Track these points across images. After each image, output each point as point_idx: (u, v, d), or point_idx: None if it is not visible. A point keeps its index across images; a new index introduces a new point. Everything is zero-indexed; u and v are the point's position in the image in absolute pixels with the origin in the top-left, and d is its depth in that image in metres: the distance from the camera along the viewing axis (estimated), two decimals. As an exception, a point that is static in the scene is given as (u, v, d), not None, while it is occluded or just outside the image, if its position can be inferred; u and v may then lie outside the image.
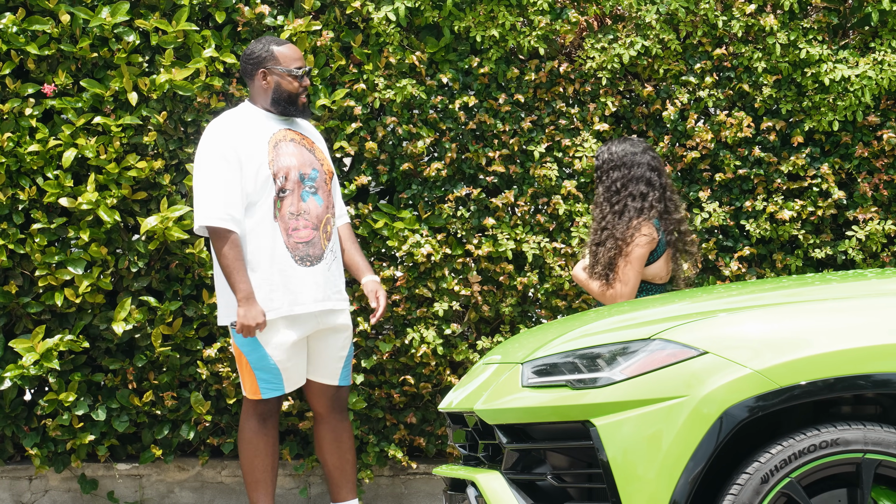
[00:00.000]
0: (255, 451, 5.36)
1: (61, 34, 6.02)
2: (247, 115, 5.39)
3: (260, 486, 5.37)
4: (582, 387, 3.96)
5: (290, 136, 5.40)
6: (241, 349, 5.32)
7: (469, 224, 6.18)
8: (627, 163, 5.40)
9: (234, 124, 5.33)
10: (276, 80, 5.37)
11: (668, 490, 3.83)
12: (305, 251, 5.32)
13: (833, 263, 6.30)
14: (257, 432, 5.36)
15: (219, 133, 5.30)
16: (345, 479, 5.48)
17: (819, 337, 3.87)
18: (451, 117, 6.18)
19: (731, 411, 3.83)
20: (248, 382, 5.34)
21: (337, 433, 5.46)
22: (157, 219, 5.93)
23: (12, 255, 6.03)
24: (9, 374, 5.92)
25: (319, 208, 5.37)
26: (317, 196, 5.37)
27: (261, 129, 5.35)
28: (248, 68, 5.40)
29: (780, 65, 6.18)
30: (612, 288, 5.34)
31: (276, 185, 5.28)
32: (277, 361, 5.29)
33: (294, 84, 5.38)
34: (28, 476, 6.26)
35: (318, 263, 5.34)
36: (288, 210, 5.30)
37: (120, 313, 5.97)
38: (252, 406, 5.37)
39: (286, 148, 5.35)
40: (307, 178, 5.35)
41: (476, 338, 6.25)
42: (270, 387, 5.32)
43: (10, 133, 5.97)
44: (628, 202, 5.35)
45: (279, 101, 5.38)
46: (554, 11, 6.17)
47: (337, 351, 5.44)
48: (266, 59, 5.37)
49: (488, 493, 4.07)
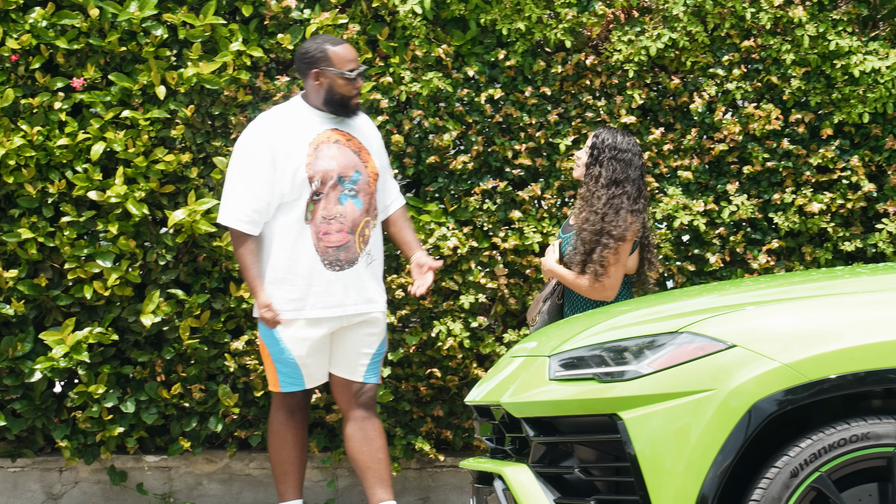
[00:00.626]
0: (284, 442, 5.37)
1: (90, 28, 6.04)
2: (295, 112, 5.35)
3: (288, 478, 5.38)
4: (609, 380, 3.96)
5: (335, 138, 5.34)
6: (263, 341, 5.36)
7: (495, 217, 6.17)
8: (630, 158, 5.34)
9: (278, 123, 5.31)
10: (329, 81, 5.31)
11: (696, 484, 3.82)
12: (336, 255, 5.28)
13: (863, 256, 6.27)
14: (285, 424, 5.38)
15: (259, 131, 5.29)
16: (376, 479, 5.36)
17: (849, 330, 3.85)
18: (477, 110, 6.18)
19: (760, 405, 3.81)
20: (270, 375, 5.38)
21: (365, 431, 5.38)
22: (184, 212, 5.95)
23: (42, 248, 6.07)
24: (39, 367, 5.96)
25: (357, 212, 5.32)
26: (356, 199, 5.31)
27: (305, 129, 5.31)
28: (302, 67, 5.35)
29: (808, 56, 6.15)
30: (599, 282, 5.28)
31: (312, 187, 5.25)
32: (296, 357, 5.30)
33: (347, 86, 5.32)
34: (58, 468, 6.30)
35: (350, 268, 5.30)
36: (321, 213, 5.26)
37: (148, 306, 6.00)
38: (280, 398, 5.39)
39: (327, 150, 5.30)
40: (347, 181, 5.30)
41: (503, 331, 6.25)
42: (290, 381, 5.33)
43: (39, 127, 6.00)
44: (624, 200, 5.28)
45: (331, 102, 5.33)
46: (581, 4, 6.15)
47: (362, 347, 5.39)
48: (319, 60, 5.31)
49: (515, 487, 4.07)
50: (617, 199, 5.29)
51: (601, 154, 5.34)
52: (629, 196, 5.29)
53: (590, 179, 5.35)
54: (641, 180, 5.34)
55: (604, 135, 5.37)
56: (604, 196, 5.29)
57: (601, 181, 5.31)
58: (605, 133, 5.38)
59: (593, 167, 5.36)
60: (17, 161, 5.96)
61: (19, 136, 5.95)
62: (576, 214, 5.41)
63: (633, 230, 5.29)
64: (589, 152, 5.37)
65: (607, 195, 5.29)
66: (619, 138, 5.35)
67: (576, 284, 5.33)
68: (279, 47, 6.11)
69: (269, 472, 6.33)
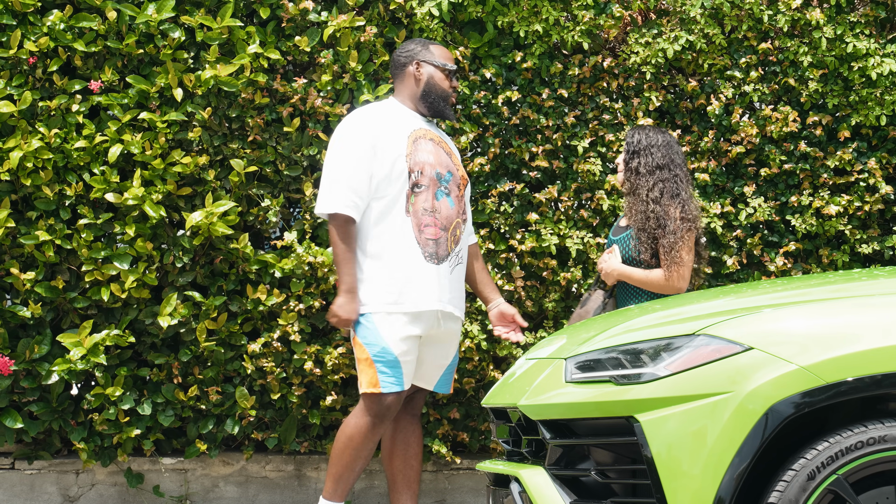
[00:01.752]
0: (351, 447, 5.18)
1: (108, 31, 6.06)
2: (391, 108, 5.40)
3: (339, 480, 5.17)
4: (626, 382, 3.95)
5: (430, 136, 5.37)
6: (362, 342, 5.21)
7: (512, 219, 6.17)
8: (669, 142, 5.39)
9: (376, 114, 5.34)
10: (430, 71, 5.39)
11: (713, 486, 3.81)
12: (434, 249, 5.26)
13: (880, 259, 6.24)
14: (361, 431, 5.18)
15: (358, 120, 5.30)
16: (406, 486, 5.36)
17: (866, 333, 3.84)
18: (494, 112, 6.18)
19: (777, 407, 3.80)
20: (368, 375, 5.18)
21: (406, 436, 5.38)
22: (201, 214, 5.96)
23: (59, 250, 6.08)
24: (56, 369, 5.98)
25: (451, 210, 5.32)
26: (449, 198, 5.33)
27: (403, 122, 5.35)
28: (402, 60, 5.42)
29: (826, 59, 6.13)
30: (673, 272, 5.27)
31: (412, 179, 5.25)
32: (399, 354, 5.18)
33: (445, 81, 5.40)
34: (75, 470, 6.31)
35: (444, 263, 5.28)
36: (421, 206, 5.25)
37: (165, 308, 6.01)
38: (368, 403, 5.19)
39: (425, 145, 5.32)
40: (442, 179, 5.32)
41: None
42: (391, 381, 5.18)
43: (57, 129, 6.02)
44: (677, 183, 5.33)
45: (429, 95, 5.39)
46: (598, 6, 6.15)
47: (440, 359, 5.38)
48: (422, 52, 5.41)
49: (532, 489, 4.06)
50: (670, 183, 5.31)
51: (636, 148, 5.37)
52: (680, 179, 5.32)
53: (630, 174, 5.37)
54: (685, 167, 5.37)
55: (635, 133, 5.40)
56: (651, 181, 5.31)
57: (641, 171, 5.34)
58: (635, 131, 5.41)
59: (631, 162, 5.37)
60: (34, 163, 5.98)
61: (37, 139, 5.97)
62: (626, 215, 5.42)
63: (696, 213, 5.29)
64: (625, 153, 5.41)
65: (653, 180, 5.31)
66: (650, 133, 5.39)
67: (648, 281, 5.32)
68: (296, 49, 6.12)
69: (285, 475, 6.34)
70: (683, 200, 5.33)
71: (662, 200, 5.30)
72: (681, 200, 5.33)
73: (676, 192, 5.31)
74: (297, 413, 6.18)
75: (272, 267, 6.08)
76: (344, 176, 5.21)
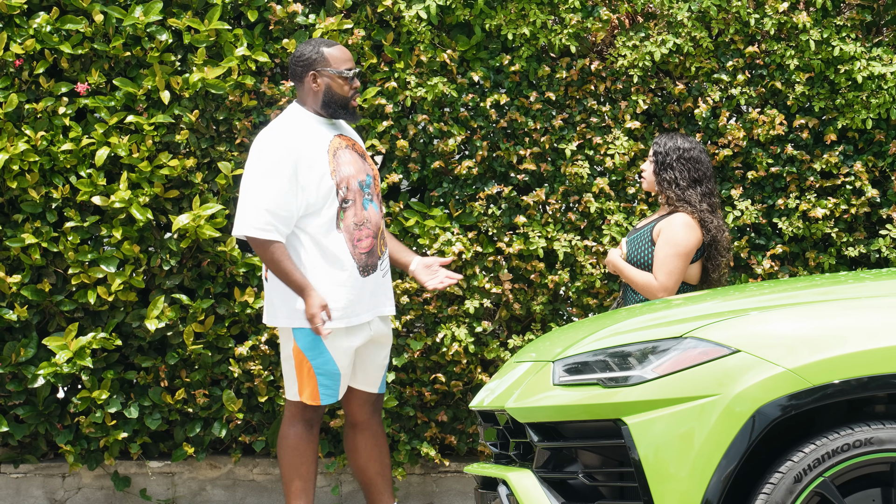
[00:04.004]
0: (302, 457, 5.20)
1: (94, 33, 6.05)
2: (300, 120, 5.24)
3: (302, 495, 5.21)
4: (613, 385, 3.95)
5: (345, 144, 5.28)
6: (304, 353, 5.17)
7: (500, 222, 6.17)
8: (698, 155, 5.41)
9: (292, 130, 5.19)
10: (327, 82, 5.22)
11: (700, 489, 3.82)
12: (367, 261, 5.22)
13: (867, 262, 6.26)
14: (303, 438, 5.21)
15: (276, 137, 5.15)
16: (386, 485, 5.38)
17: (852, 335, 3.85)
18: (482, 115, 6.18)
19: (764, 410, 3.81)
20: (308, 387, 5.17)
21: (376, 438, 5.37)
22: (189, 217, 5.96)
23: (46, 253, 6.07)
24: (42, 372, 5.96)
25: (377, 216, 5.28)
26: (374, 203, 5.27)
27: (317, 136, 5.21)
28: (298, 70, 5.25)
29: (812, 62, 6.15)
30: (664, 281, 5.32)
31: (340, 195, 5.17)
32: (340, 367, 5.19)
33: (345, 87, 5.24)
34: (61, 474, 6.30)
35: (375, 272, 5.26)
36: (352, 221, 5.19)
37: (152, 311, 6.00)
38: (300, 411, 5.22)
39: (344, 156, 5.23)
40: (364, 186, 5.25)
41: (507, 336, 6.25)
42: (329, 392, 5.18)
43: (43, 132, 6.00)
44: (712, 198, 5.39)
45: (330, 104, 5.24)
46: (585, 9, 6.16)
47: (382, 360, 5.37)
48: (316, 61, 5.22)
49: (519, 492, 4.06)
50: (714, 199, 5.37)
51: (667, 157, 5.37)
52: (714, 194, 5.37)
53: (667, 186, 5.38)
54: (714, 179, 5.41)
55: (664, 140, 5.40)
56: (694, 196, 5.34)
57: (681, 183, 5.34)
58: (665, 138, 5.41)
59: (664, 173, 5.38)
60: (20, 166, 5.96)
61: (23, 141, 5.95)
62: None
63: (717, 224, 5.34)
64: (653, 160, 5.40)
65: (697, 194, 5.35)
66: (679, 140, 5.39)
67: (635, 281, 5.37)
68: (284, 52, 6.12)
69: (272, 478, 6.33)
70: (719, 216, 5.40)
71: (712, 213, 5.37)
72: (718, 216, 5.40)
73: (715, 207, 5.40)
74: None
75: (260, 270, 6.08)
76: (264, 198, 5.07)
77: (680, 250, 5.30)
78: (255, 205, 5.09)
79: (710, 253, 5.39)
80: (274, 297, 5.22)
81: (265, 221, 5.08)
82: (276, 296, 5.21)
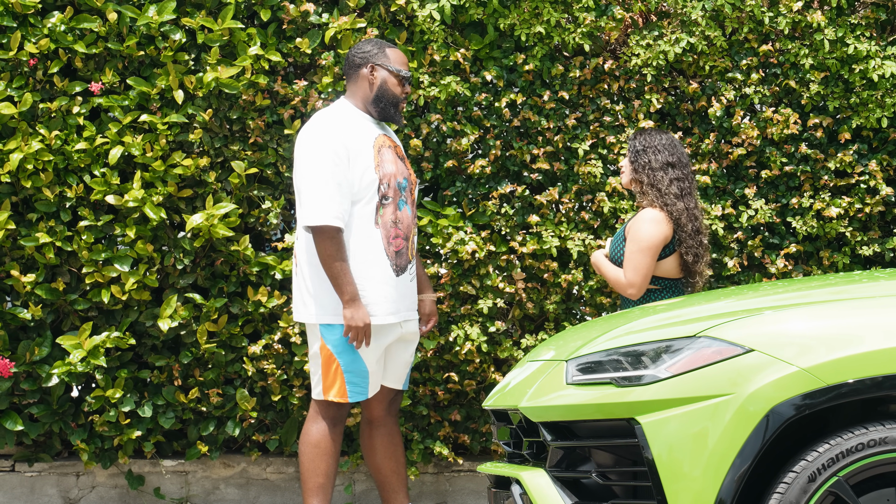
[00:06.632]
0: (322, 454, 5.21)
1: (108, 33, 6.06)
2: (348, 113, 5.29)
3: (321, 491, 5.21)
4: (627, 384, 3.95)
5: (388, 143, 5.32)
6: (333, 351, 5.18)
7: (513, 221, 6.17)
8: (672, 144, 5.43)
9: (340, 121, 5.23)
10: (384, 76, 5.30)
11: (713, 488, 3.81)
12: (399, 261, 5.25)
13: (881, 261, 6.24)
14: (326, 436, 5.22)
15: (328, 128, 5.19)
16: (401, 483, 5.41)
17: (867, 334, 3.84)
18: (495, 114, 6.18)
19: (778, 409, 3.80)
20: (337, 385, 5.18)
21: (392, 436, 5.40)
22: (202, 216, 5.96)
23: (60, 252, 6.08)
24: (56, 371, 5.97)
25: (410, 218, 5.31)
26: (408, 206, 5.31)
27: (364, 130, 5.26)
28: (357, 61, 5.31)
29: (827, 61, 6.13)
30: (630, 277, 5.36)
31: (381, 191, 5.19)
32: (369, 365, 5.20)
33: (398, 87, 5.31)
34: (76, 472, 6.31)
35: (404, 274, 5.28)
36: (389, 218, 5.21)
37: (166, 310, 6.01)
38: (325, 409, 5.23)
39: (387, 154, 5.27)
40: (402, 188, 5.28)
41: (520, 335, 6.24)
42: (357, 390, 5.20)
43: (57, 131, 6.02)
44: (685, 183, 5.39)
45: (381, 100, 5.30)
46: (599, 8, 6.15)
47: (409, 357, 5.40)
48: (377, 55, 5.31)
49: (533, 491, 4.06)
50: (686, 184, 5.36)
51: (643, 144, 5.41)
52: (687, 179, 5.37)
53: (641, 169, 5.41)
54: (689, 167, 5.42)
55: (637, 136, 5.44)
56: (665, 178, 5.35)
57: (654, 165, 5.37)
58: (637, 134, 5.45)
59: (640, 158, 5.41)
60: (35, 165, 5.98)
61: (37, 141, 5.97)
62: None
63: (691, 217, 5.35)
64: (629, 154, 5.43)
65: (668, 177, 5.35)
66: (653, 133, 5.43)
67: (608, 277, 5.41)
68: (297, 51, 6.12)
69: (286, 477, 6.34)
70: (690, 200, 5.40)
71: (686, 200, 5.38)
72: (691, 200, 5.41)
73: (687, 192, 5.40)
74: (298, 415, 6.18)
75: (273, 269, 6.08)
76: (328, 185, 5.10)
77: (643, 245, 5.31)
78: (324, 195, 5.09)
79: (679, 237, 5.38)
80: (303, 291, 5.24)
81: (336, 210, 5.09)
82: (305, 291, 5.23)
